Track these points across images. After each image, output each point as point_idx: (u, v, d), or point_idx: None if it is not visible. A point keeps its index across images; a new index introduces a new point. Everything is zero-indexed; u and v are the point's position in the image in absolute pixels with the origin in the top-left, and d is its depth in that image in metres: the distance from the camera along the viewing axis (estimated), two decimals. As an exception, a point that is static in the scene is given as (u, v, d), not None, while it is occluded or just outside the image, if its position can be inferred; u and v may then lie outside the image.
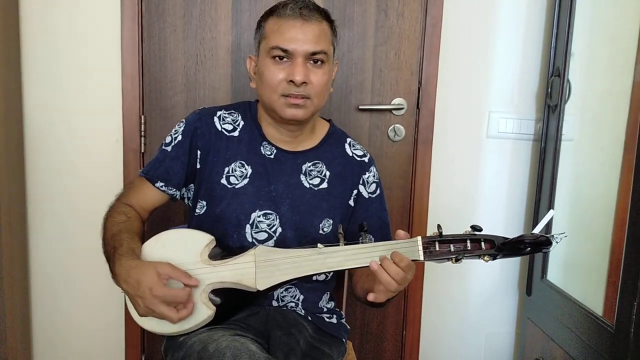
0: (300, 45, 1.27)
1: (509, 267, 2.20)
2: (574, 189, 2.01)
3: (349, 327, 1.52)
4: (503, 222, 2.15)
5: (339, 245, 1.20)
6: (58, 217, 1.95)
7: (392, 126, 2.01)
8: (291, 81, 1.27)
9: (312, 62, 1.30)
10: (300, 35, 1.27)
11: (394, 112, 2.00)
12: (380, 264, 1.13)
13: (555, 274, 2.00)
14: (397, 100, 2.00)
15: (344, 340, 1.46)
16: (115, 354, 2.03)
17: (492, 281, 2.20)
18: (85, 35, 1.88)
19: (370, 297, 1.16)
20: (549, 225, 1.96)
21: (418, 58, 1.99)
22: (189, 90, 1.92)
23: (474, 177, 2.12)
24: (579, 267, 2.02)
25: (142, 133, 1.92)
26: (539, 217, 2.02)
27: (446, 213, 2.08)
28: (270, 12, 1.33)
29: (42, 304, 1.99)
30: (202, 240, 1.27)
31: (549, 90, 1.98)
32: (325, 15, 1.33)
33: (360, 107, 1.98)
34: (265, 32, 1.32)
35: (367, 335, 2.14)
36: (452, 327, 2.22)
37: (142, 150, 1.92)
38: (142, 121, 1.92)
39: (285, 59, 1.29)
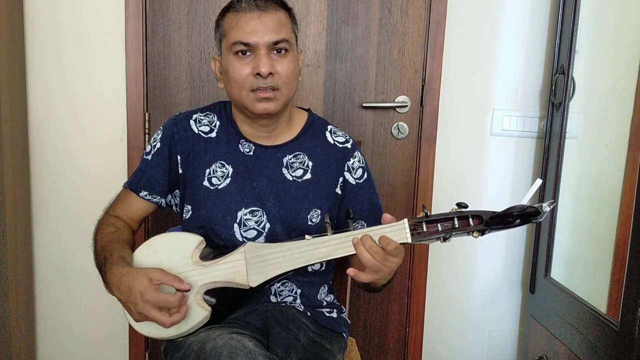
0: (261, 37, 1.25)
1: (512, 265, 2.20)
2: (578, 187, 2.01)
3: (349, 321, 1.51)
4: (507, 220, 2.14)
5: (327, 234, 1.20)
6: (62, 214, 1.96)
7: (396, 124, 2.01)
8: (258, 74, 1.25)
9: (275, 52, 1.28)
10: (259, 27, 1.25)
11: (397, 109, 2.00)
12: (360, 240, 1.13)
13: (559, 271, 2.00)
14: (401, 98, 1.99)
15: (344, 335, 1.45)
16: (119, 350, 2.04)
17: (495, 279, 2.20)
18: (90, 33, 1.88)
19: (350, 271, 1.14)
20: (550, 216, 1.96)
21: (422, 55, 1.98)
22: (193, 88, 1.92)
23: (478, 174, 2.12)
24: (583, 265, 2.02)
25: (147, 130, 1.92)
26: (542, 203, 2.01)
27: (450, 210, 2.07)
28: (226, 9, 1.31)
29: (46, 300, 2.00)
30: (192, 242, 1.27)
31: (553, 87, 1.98)
32: (281, 3, 1.31)
33: (364, 104, 1.98)
34: (224, 29, 1.30)
35: (371, 332, 2.14)
36: (455, 324, 2.22)
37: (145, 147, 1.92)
38: (147, 119, 1.92)
39: (248, 53, 1.27)
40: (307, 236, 1.21)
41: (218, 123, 1.41)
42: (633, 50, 1.79)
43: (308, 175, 1.40)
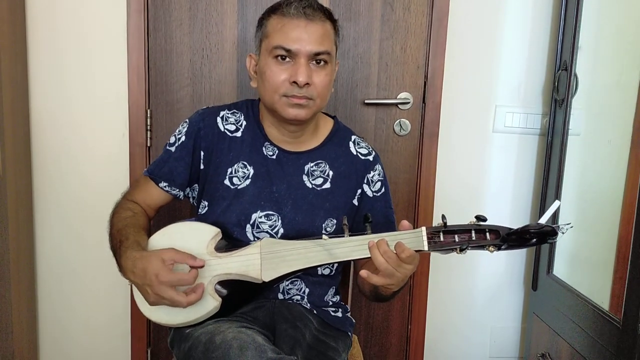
0: (304, 46, 1.25)
1: (514, 262, 2.20)
2: (581, 184, 2.01)
3: (354, 320, 1.52)
4: (509, 217, 2.14)
5: (344, 236, 1.20)
6: (64, 211, 1.96)
7: (398, 120, 2.00)
8: (294, 82, 1.25)
9: (315, 62, 1.27)
10: (304, 35, 1.25)
11: (399, 106, 2.00)
12: (375, 244, 1.13)
13: (561, 268, 1.99)
14: (403, 95, 1.99)
15: (349, 333, 1.45)
16: (121, 347, 2.04)
17: (498, 276, 2.20)
18: (91, 30, 1.88)
19: (363, 272, 1.14)
20: (555, 217, 1.95)
21: (424, 52, 1.98)
22: (195, 84, 1.92)
23: (480, 171, 2.12)
24: (586, 262, 2.01)
25: (148, 127, 1.92)
26: (545, 212, 2.01)
27: (452, 207, 2.07)
28: (273, 10, 1.30)
29: (48, 297, 2.00)
30: (208, 232, 1.28)
31: (556, 84, 1.97)
32: (328, 14, 1.30)
33: (366, 101, 1.97)
34: (268, 30, 1.29)
35: (373, 329, 2.14)
36: (457, 321, 2.21)
37: (148, 145, 1.93)
38: (148, 115, 1.92)
39: (287, 59, 1.26)
40: (324, 236, 1.21)
41: (244, 123, 1.40)
42: (636, 46, 1.78)
43: (327, 185, 1.40)
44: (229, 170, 1.37)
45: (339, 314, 1.46)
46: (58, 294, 2.01)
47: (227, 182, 1.37)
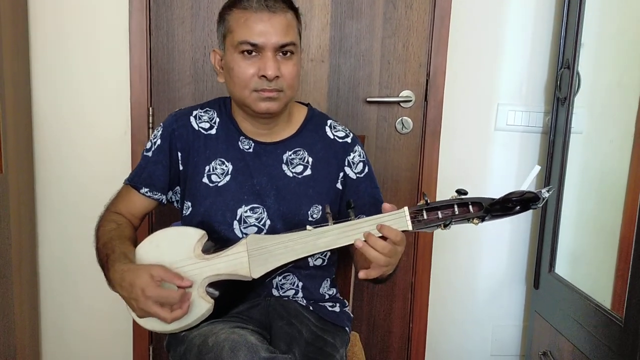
0: (270, 39, 1.24)
1: (516, 260, 2.19)
2: (583, 182, 2.00)
3: (352, 315, 1.51)
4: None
5: (327, 225, 1.20)
6: (66, 209, 1.96)
7: (400, 119, 2.00)
8: (263, 76, 1.25)
9: (281, 54, 1.26)
10: (269, 28, 1.23)
11: (401, 104, 1.99)
12: (365, 241, 1.13)
13: (563, 267, 1.99)
14: (405, 93, 1.99)
15: (347, 328, 1.45)
16: (124, 344, 2.04)
17: (499, 274, 2.20)
18: (94, 28, 1.88)
19: (361, 274, 1.14)
20: (557, 214, 1.95)
21: (426, 50, 1.98)
22: (197, 82, 1.92)
23: (482, 169, 2.11)
24: (588, 260, 2.01)
25: (150, 125, 1.92)
26: (547, 210, 2.01)
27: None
28: (234, 4, 1.28)
29: (50, 294, 2.01)
30: (194, 235, 1.28)
31: (559, 82, 1.97)
32: (289, 4, 1.29)
33: (368, 99, 1.97)
34: (230, 25, 1.28)
35: (374, 327, 2.14)
36: (459, 319, 2.21)
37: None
38: (150, 113, 1.92)
39: (254, 53, 1.25)
40: (308, 227, 1.21)
41: (218, 120, 1.40)
42: (638, 45, 1.78)
43: (308, 172, 1.39)
44: (207, 168, 1.37)
45: (336, 309, 1.45)
46: (60, 291, 2.01)
47: (205, 180, 1.37)
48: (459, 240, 2.14)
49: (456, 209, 1.14)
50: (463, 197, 1.15)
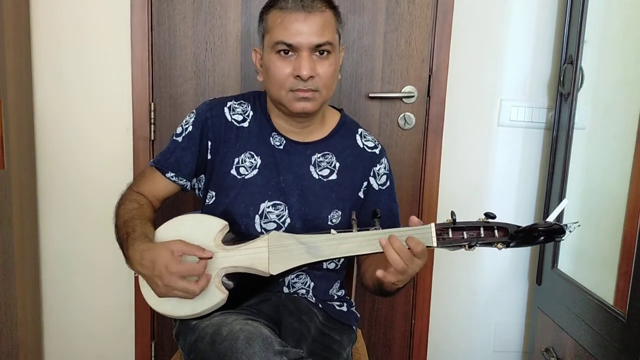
0: (305, 39, 1.24)
1: (519, 257, 2.19)
2: (586, 178, 2.00)
3: (359, 315, 1.52)
4: (514, 212, 2.13)
5: (352, 231, 1.20)
6: (68, 204, 1.96)
7: (403, 114, 1.99)
8: (298, 76, 1.25)
9: (317, 53, 1.27)
10: (304, 28, 1.24)
11: (404, 100, 1.99)
12: (389, 241, 1.13)
13: (566, 263, 1.99)
14: (408, 88, 1.98)
15: (354, 327, 1.46)
16: (126, 340, 2.05)
17: (502, 270, 2.20)
18: (96, 23, 1.88)
19: (379, 273, 1.15)
20: (560, 215, 1.95)
21: (429, 45, 1.97)
22: (199, 78, 1.92)
23: (485, 165, 2.11)
24: (590, 257, 2.01)
25: (152, 121, 1.92)
26: (550, 207, 2.01)
27: (456, 202, 2.06)
28: (272, 4, 1.29)
29: (52, 291, 2.01)
30: (216, 225, 1.28)
31: (562, 78, 1.96)
32: (327, 2, 1.30)
33: (371, 95, 1.97)
34: (268, 25, 1.29)
35: (376, 323, 2.14)
36: (461, 316, 2.21)
37: (152, 138, 1.93)
38: (152, 109, 1.92)
39: (290, 53, 1.26)
40: (332, 230, 1.21)
41: (251, 113, 1.41)
42: (643, 40, 1.77)
43: (334, 176, 1.40)
44: (236, 160, 1.37)
45: (344, 308, 1.46)
46: (62, 287, 2.01)
47: (233, 171, 1.37)
48: (462, 236, 2.14)
49: (482, 231, 1.15)
50: (490, 220, 1.16)
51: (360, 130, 1.47)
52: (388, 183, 1.46)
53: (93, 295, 2.03)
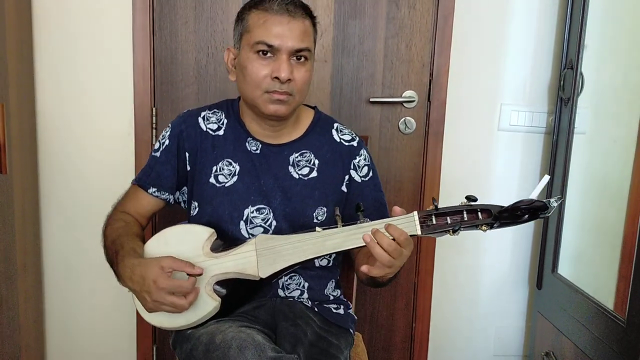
0: (286, 42, 1.25)
1: (519, 260, 2.19)
2: (586, 183, 2.00)
3: (356, 317, 1.52)
4: (514, 216, 2.14)
5: (337, 227, 1.20)
6: (70, 209, 1.97)
7: (403, 119, 2.00)
8: (276, 77, 1.26)
9: (295, 58, 1.28)
10: (286, 32, 1.25)
11: (405, 104, 2.00)
12: (373, 236, 1.13)
13: (566, 267, 1.99)
14: (408, 93, 1.99)
15: (351, 330, 1.46)
16: (127, 344, 2.05)
17: (502, 274, 2.20)
18: (97, 28, 1.89)
19: (364, 268, 1.14)
20: (560, 215, 1.95)
21: (429, 50, 1.98)
22: (200, 83, 1.93)
23: (486, 170, 2.11)
24: (590, 261, 2.01)
25: (154, 125, 1.93)
26: (550, 199, 2.01)
27: (457, 206, 2.07)
28: (255, 5, 1.30)
29: (54, 295, 2.02)
30: (203, 233, 1.29)
31: (562, 82, 1.97)
32: (308, 12, 1.32)
33: (371, 99, 1.97)
34: (249, 25, 1.29)
35: (377, 327, 2.14)
36: (462, 320, 2.22)
37: (154, 142, 1.93)
38: (154, 113, 1.93)
39: (269, 54, 1.27)
40: (317, 228, 1.22)
41: (226, 121, 1.42)
42: (642, 45, 1.78)
43: (314, 174, 1.41)
44: (214, 168, 1.38)
45: (341, 311, 1.46)
46: (64, 291, 2.02)
47: (212, 180, 1.38)
48: (462, 240, 2.14)
49: (465, 215, 1.15)
50: (472, 203, 1.15)
51: (336, 124, 1.47)
52: (371, 174, 1.46)
53: (95, 299, 2.03)
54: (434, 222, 1.15)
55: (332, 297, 1.47)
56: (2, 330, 1.68)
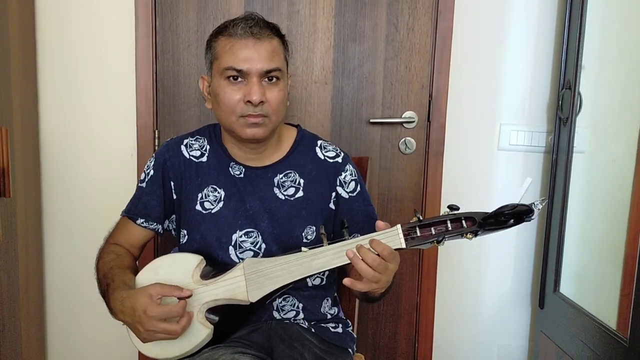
0: (254, 65, 1.26)
1: (521, 279, 2.19)
2: (586, 202, 2.01)
3: (355, 335, 1.51)
4: (514, 235, 2.14)
5: (322, 246, 1.20)
6: (73, 230, 1.98)
7: (403, 139, 2.02)
8: (248, 101, 1.26)
9: (267, 79, 1.29)
10: (254, 55, 1.26)
11: (405, 125, 2.01)
12: (357, 252, 1.12)
13: (568, 286, 1.99)
14: (408, 114, 2.01)
15: (350, 350, 1.45)
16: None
17: (504, 294, 2.19)
18: (101, 52, 1.91)
19: (346, 280, 1.14)
20: (560, 233, 1.95)
21: (429, 71, 2.00)
22: (202, 105, 1.95)
23: (486, 189, 2.12)
24: (592, 280, 2.01)
25: (156, 147, 1.94)
26: (551, 230, 2.01)
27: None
28: (220, 31, 1.31)
29: (56, 320, 2.02)
30: (192, 261, 1.29)
31: (560, 102, 1.98)
32: (276, 31, 1.32)
33: (372, 120, 1.99)
34: (217, 52, 1.30)
35: (380, 348, 2.14)
36: (464, 340, 2.21)
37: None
38: (156, 136, 1.94)
39: (240, 79, 1.28)
40: (303, 248, 1.22)
41: (208, 147, 1.42)
42: (639, 65, 1.79)
43: (300, 193, 1.40)
44: (199, 195, 1.39)
45: (339, 330, 1.45)
46: (66, 313, 2.02)
47: (198, 207, 1.38)
48: (464, 260, 2.15)
49: (449, 224, 1.14)
50: (455, 212, 1.15)
51: (319, 142, 1.46)
52: (358, 188, 1.44)
53: (96, 320, 2.03)
54: (418, 234, 1.15)
55: (329, 316, 1.46)
56: (4, 351, 1.67)
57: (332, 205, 1.43)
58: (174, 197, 1.41)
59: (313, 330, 1.40)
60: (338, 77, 1.97)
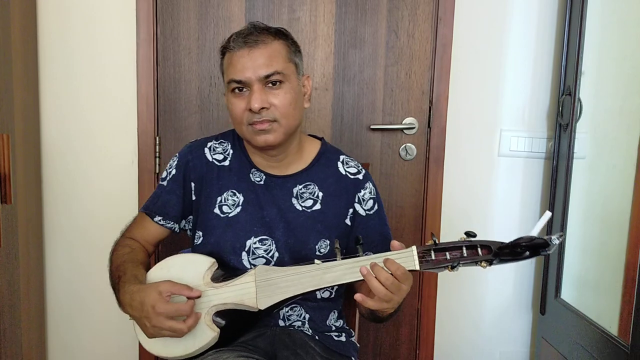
0: (252, 73, 1.27)
1: (522, 286, 2.19)
2: (587, 208, 2.01)
3: (358, 345, 1.51)
4: (516, 241, 2.14)
5: (336, 260, 1.20)
6: (74, 238, 1.98)
7: (404, 145, 2.02)
8: (251, 109, 1.28)
9: (270, 84, 1.29)
10: (249, 63, 1.27)
11: (405, 131, 2.02)
12: (371, 270, 1.12)
13: (569, 292, 1.99)
14: (409, 120, 2.01)
15: (353, 358, 1.44)
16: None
17: (505, 300, 2.19)
18: (102, 58, 1.92)
19: (357, 296, 1.14)
20: (561, 243, 1.95)
21: (429, 78, 2.00)
22: (203, 112, 1.95)
23: (486, 195, 2.12)
24: (593, 286, 2.01)
25: (157, 154, 1.95)
26: (551, 236, 2.01)
27: (458, 232, 2.06)
28: (224, 49, 1.34)
29: (58, 327, 2.02)
30: (204, 263, 1.30)
31: (560, 108, 1.99)
32: (276, 33, 1.32)
33: (372, 126, 1.99)
34: (224, 68, 1.34)
35: (381, 355, 2.13)
36: (466, 346, 2.20)
37: (157, 171, 1.95)
38: (157, 142, 1.95)
39: (244, 89, 1.29)
40: (316, 261, 1.22)
41: (231, 152, 1.43)
42: (638, 71, 1.80)
43: (317, 206, 1.40)
44: (219, 199, 1.39)
45: (342, 338, 1.45)
46: (67, 320, 2.02)
47: (216, 210, 1.39)
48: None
49: (465, 251, 1.14)
50: (472, 239, 1.15)
51: (342, 157, 1.46)
52: (376, 207, 1.45)
53: (97, 331, 2.03)
54: (433, 257, 1.15)
55: (334, 328, 1.46)
56: (5, 358, 1.67)
57: (348, 222, 1.43)
58: (194, 198, 1.42)
59: (317, 337, 1.40)
60: (338, 83, 1.98)
